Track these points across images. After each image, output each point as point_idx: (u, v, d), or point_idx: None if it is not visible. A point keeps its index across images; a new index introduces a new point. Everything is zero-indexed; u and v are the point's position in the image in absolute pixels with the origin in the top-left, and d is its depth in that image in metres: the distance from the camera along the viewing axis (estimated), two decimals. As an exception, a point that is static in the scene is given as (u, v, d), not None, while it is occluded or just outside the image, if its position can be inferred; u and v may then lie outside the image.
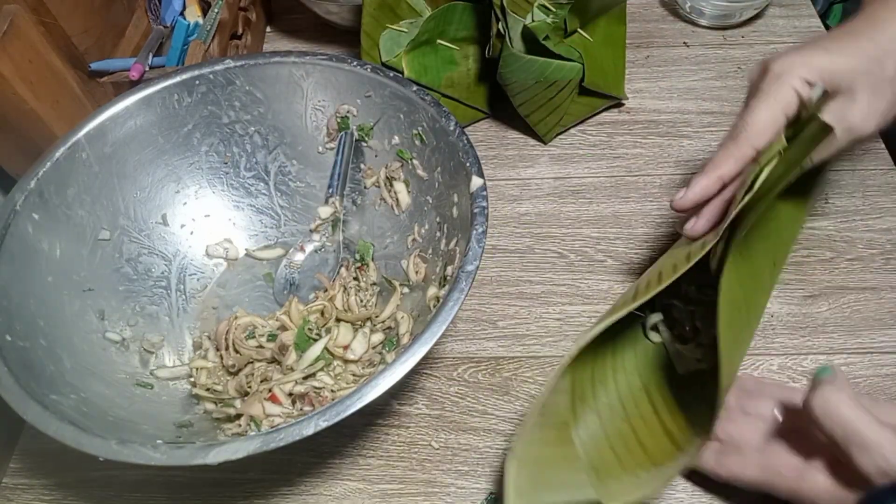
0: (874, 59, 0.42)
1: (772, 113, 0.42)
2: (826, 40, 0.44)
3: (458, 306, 0.39)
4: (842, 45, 0.43)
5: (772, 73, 0.42)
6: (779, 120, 0.42)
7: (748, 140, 0.42)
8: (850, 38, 0.43)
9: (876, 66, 0.42)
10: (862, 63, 0.42)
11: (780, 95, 0.41)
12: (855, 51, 0.42)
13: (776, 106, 0.41)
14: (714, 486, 0.45)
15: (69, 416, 0.37)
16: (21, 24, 0.48)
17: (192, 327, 0.53)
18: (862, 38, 0.43)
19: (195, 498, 0.47)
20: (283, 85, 0.53)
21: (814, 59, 0.42)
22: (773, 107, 0.42)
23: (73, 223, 0.48)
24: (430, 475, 0.47)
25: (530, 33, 0.58)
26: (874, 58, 0.42)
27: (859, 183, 0.60)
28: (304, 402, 0.45)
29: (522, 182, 0.63)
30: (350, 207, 0.57)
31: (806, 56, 0.42)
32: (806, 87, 0.41)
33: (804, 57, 0.42)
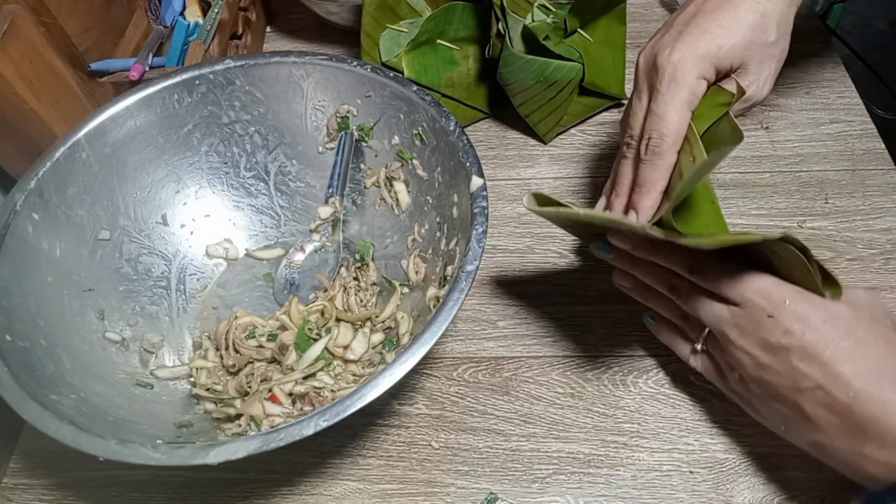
0: (755, 27, 0.42)
1: (681, 116, 0.42)
2: (704, 18, 0.43)
3: (458, 306, 0.39)
4: (722, 23, 0.42)
5: (665, 73, 0.42)
6: (687, 118, 0.43)
7: (672, 149, 0.42)
8: (726, 11, 0.43)
9: (759, 35, 0.43)
10: (746, 36, 0.42)
11: (682, 96, 0.42)
12: (737, 25, 0.42)
13: (682, 109, 0.42)
14: (714, 487, 0.45)
15: (69, 416, 0.37)
16: (21, 24, 0.48)
17: (192, 327, 0.53)
18: (738, 7, 0.43)
19: (195, 498, 0.47)
20: (283, 85, 0.53)
21: (700, 47, 0.42)
22: (679, 110, 0.42)
23: (73, 223, 0.48)
24: (430, 475, 0.47)
25: (530, 33, 0.58)
26: (755, 26, 0.42)
27: (859, 183, 0.60)
28: (304, 402, 0.45)
29: (522, 182, 0.63)
30: (350, 207, 0.57)
31: (693, 46, 0.42)
32: (703, 82, 0.43)
33: (691, 48, 0.42)
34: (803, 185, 0.61)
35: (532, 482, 0.46)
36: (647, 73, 0.44)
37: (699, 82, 0.42)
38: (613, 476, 0.46)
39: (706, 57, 0.42)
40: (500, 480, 0.47)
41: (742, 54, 0.43)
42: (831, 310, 0.38)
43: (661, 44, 0.43)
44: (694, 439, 0.48)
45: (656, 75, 0.43)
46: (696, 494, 0.45)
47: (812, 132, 0.64)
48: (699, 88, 0.43)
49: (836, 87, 0.67)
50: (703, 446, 0.47)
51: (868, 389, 0.36)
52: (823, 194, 0.60)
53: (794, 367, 0.38)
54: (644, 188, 0.44)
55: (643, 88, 0.45)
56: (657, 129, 0.43)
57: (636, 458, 0.47)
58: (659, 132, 0.42)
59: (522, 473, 0.47)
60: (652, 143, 0.43)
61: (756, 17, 0.43)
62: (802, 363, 0.37)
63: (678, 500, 0.45)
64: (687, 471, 0.46)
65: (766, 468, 0.46)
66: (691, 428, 0.48)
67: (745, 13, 0.43)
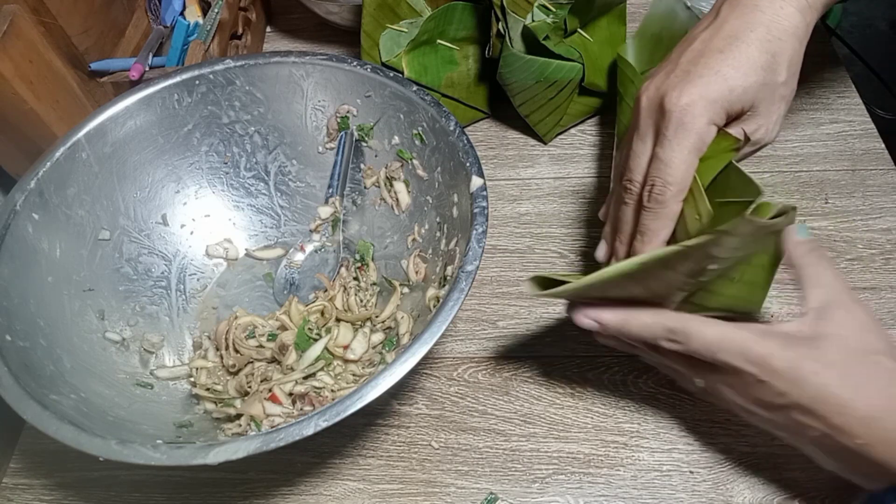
0: (767, 67, 0.40)
1: (688, 164, 0.39)
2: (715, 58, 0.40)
3: (458, 306, 0.39)
4: (734, 63, 0.39)
5: (673, 118, 0.39)
6: (694, 166, 0.40)
7: (676, 198, 0.40)
8: (736, 48, 0.39)
9: (770, 75, 0.40)
10: (758, 77, 0.39)
11: (690, 143, 0.39)
12: (748, 66, 0.39)
13: (690, 156, 0.39)
14: (714, 487, 0.45)
15: (69, 416, 0.37)
16: (21, 24, 0.48)
17: (192, 327, 0.53)
18: (750, 45, 0.39)
19: (195, 498, 0.47)
20: (283, 85, 0.53)
21: (712, 91, 0.39)
22: (687, 158, 0.39)
23: (73, 223, 0.48)
24: (430, 475, 0.47)
25: (530, 33, 0.58)
26: (766, 66, 0.39)
27: (859, 183, 0.60)
28: (304, 402, 0.46)
29: (522, 182, 0.63)
30: (350, 207, 0.57)
31: (703, 89, 0.39)
32: (712, 128, 0.39)
33: (702, 91, 0.39)
34: (803, 185, 0.61)
35: (532, 482, 0.46)
36: (651, 114, 0.41)
37: (709, 128, 0.39)
38: (613, 476, 0.46)
39: (718, 101, 0.39)
40: (500, 480, 0.47)
41: (754, 97, 0.40)
42: (821, 357, 0.36)
43: (668, 84, 0.40)
44: (694, 439, 0.48)
45: (662, 119, 0.40)
46: (696, 494, 0.45)
47: (812, 132, 0.64)
48: (709, 135, 0.39)
49: (836, 87, 0.67)
50: (703, 446, 0.47)
51: (876, 436, 0.35)
52: (823, 194, 0.60)
53: (797, 421, 0.37)
54: (646, 237, 0.41)
55: (647, 131, 0.41)
56: (661, 177, 0.40)
57: (636, 458, 0.47)
58: (663, 180, 0.40)
59: (522, 473, 0.47)
60: (655, 192, 0.40)
61: (768, 56, 0.39)
62: (804, 417, 0.37)
63: (678, 500, 0.45)
64: (687, 471, 0.46)
65: (766, 468, 0.46)
66: (691, 428, 0.48)
67: (757, 52, 0.39)
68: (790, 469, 0.46)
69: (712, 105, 0.39)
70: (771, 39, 0.39)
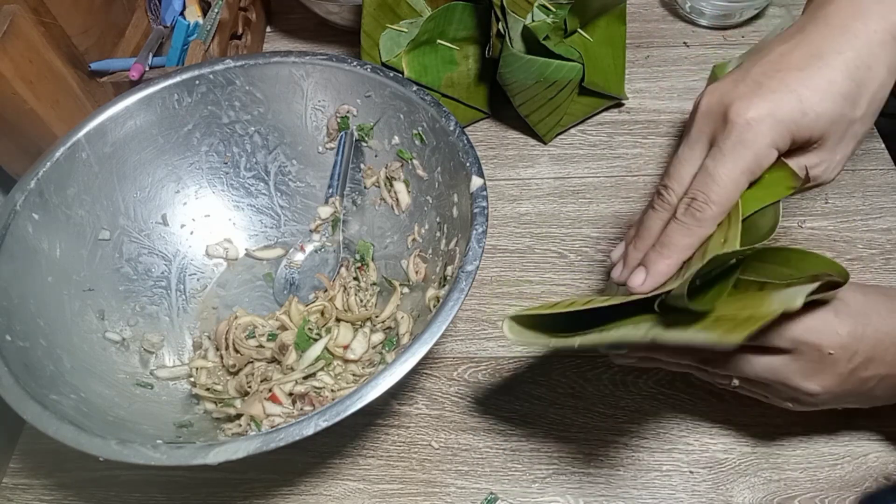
0: (848, 97, 0.35)
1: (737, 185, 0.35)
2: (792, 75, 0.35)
3: (458, 306, 0.39)
4: (812, 85, 0.35)
5: (734, 131, 0.35)
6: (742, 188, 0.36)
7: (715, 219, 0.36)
8: (818, 69, 0.35)
9: (849, 107, 0.35)
10: (836, 108, 0.35)
11: (745, 163, 0.35)
12: (827, 91, 0.35)
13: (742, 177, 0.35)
14: (714, 487, 0.45)
15: (69, 416, 0.37)
16: (21, 24, 0.48)
17: (192, 327, 0.53)
18: (834, 69, 0.35)
19: (195, 498, 0.47)
20: (283, 85, 0.53)
21: (783, 110, 0.34)
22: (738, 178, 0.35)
23: (73, 223, 0.48)
24: (430, 475, 0.47)
25: (530, 33, 0.58)
26: (847, 95, 0.35)
27: (859, 183, 0.60)
28: (304, 401, 0.46)
29: (522, 182, 0.63)
30: (350, 207, 0.57)
31: (775, 106, 0.35)
32: (773, 152, 0.35)
33: (773, 107, 0.35)
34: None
35: (532, 482, 0.46)
36: (709, 122, 0.37)
37: (770, 151, 0.35)
38: (613, 476, 0.46)
39: (786, 123, 0.34)
40: (500, 480, 0.47)
41: (825, 127, 0.35)
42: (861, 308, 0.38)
43: (735, 93, 0.36)
44: (694, 439, 0.48)
45: (723, 130, 0.35)
46: (696, 494, 0.45)
47: (812, 132, 0.64)
48: (768, 159, 0.35)
49: (836, 87, 0.67)
50: (703, 446, 0.47)
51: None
52: (823, 194, 0.60)
53: (863, 378, 0.38)
54: (666, 250, 0.37)
55: (699, 139, 0.37)
56: (705, 192, 0.36)
57: (636, 458, 0.47)
58: (706, 196, 0.35)
59: (522, 473, 0.47)
60: (695, 206, 0.36)
61: (852, 85, 0.35)
62: (868, 370, 0.38)
63: (678, 500, 0.45)
64: (687, 471, 0.46)
65: (766, 468, 0.46)
66: (691, 428, 0.48)
67: (841, 78, 0.35)
68: (790, 469, 0.46)
69: (780, 126, 0.35)
70: (860, 66, 0.35)
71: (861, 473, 0.45)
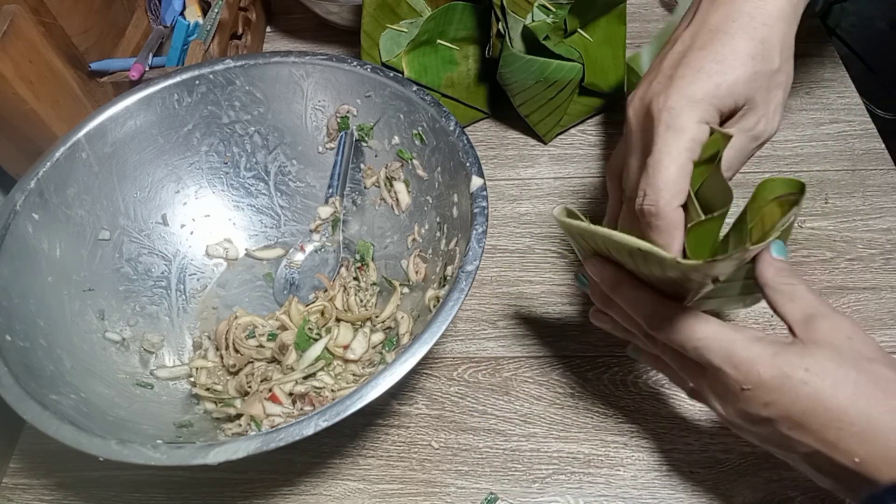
0: (756, 56, 0.36)
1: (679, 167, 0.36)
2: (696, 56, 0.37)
3: (458, 306, 0.39)
4: (718, 58, 0.36)
5: (661, 122, 0.36)
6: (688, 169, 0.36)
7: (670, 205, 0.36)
8: (719, 42, 0.36)
9: (761, 64, 0.36)
10: (747, 68, 0.36)
11: (681, 144, 0.35)
12: (735, 58, 0.36)
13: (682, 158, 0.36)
14: (714, 487, 0.45)
15: (69, 416, 0.37)
16: (21, 24, 0.48)
17: (192, 327, 0.53)
18: (733, 36, 0.36)
19: (195, 498, 0.47)
20: (283, 85, 0.53)
21: (697, 90, 0.36)
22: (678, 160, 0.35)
23: (73, 223, 0.48)
24: (430, 475, 0.47)
25: (530, 33, 0.58)
26: (756, 55, 0.36)
27: (859, 183, 0.60)
28: (304, 401, 0.46)
29: (522, 182, 0.63)
30: (350, 207, 0.57)
31: (688, 90, 0.36)
32: (704, 127, 0.36)
33: (686, 91, 0.36)
34: (803, 185, 0.61)
35: (532, 482, 0.46)
36: (640, 124, 0.38)
37: (700, 127, 0.36)
38: (613, 476, 0.46)
39: (705, 99, 0.36)
40: (500, 480, 0.47)
41: (745, 89, 0.37)
42: (812, 366, 0.33)
43: (652, 91, 0.37)
44: (694, 439, 0.48)
45: (651, 125, 0.37)
46: (696, 494, 0.45)
47: (812, 132, 0.64)
48: (701, 135, 0.36)
49: (836, 87, 0.67)
50: (703, 446, 0.47)
51: (876, 453, 0.31)
52: (823, 194, 0.60)
53: (785, 436, 0.34)
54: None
55: (639, 145, 0.38)
56: (651, 183, 0.36)
57: (636, 458, 0.47)
58: (654, 187, 0.36)
59: (522, 473, 0.47)
60: (647, 202, 0.36)
61: (755, 44, 0.36)
62: (793, 432, 0.33)
63: (678, 500, 0.45)
64: (687, 471, 0.46)
65: (766, 468, 0.46)
66: (691, 428, 0.48)
67: (742, 42, 0.36)
68: (790, 469, 0.46)
69: (699, 104, 0.36)
70: (756, 26, 0.36)
71: (861, 473, 0.45)
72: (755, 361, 0.34)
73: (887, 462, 0.31)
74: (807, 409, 0.33)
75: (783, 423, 0.34)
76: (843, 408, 0.32)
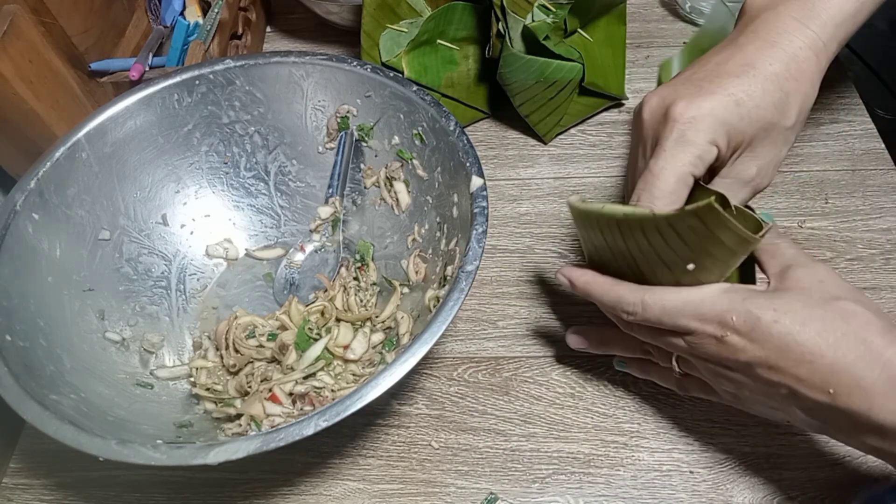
0: (778, 106, 0.38)
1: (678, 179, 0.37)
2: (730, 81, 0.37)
3: (458, 306, 0.39)
4: (748, 90, 0.37)
5: (675, 128, 0.37)
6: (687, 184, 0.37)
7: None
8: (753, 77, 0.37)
9: (781, 117, 0.38)
10: (769, 114, 0.37)
11: (687, 157, 0.36)
12: (761, 98, 0.37)
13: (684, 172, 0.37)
14: (714, 487, 0.45)
15: (69, 416, 0.37)
16: (21, 24, 0.48)
17: (192, 327, 0.53)
18: (767, 79, 0.37)
19: (195, 498, 0.47)
20: (283, 85, 0.53)
21: (721, 112, 0.37)
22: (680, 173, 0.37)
23: (73, 223, 0.48)
24: (430, 475, 0.47)
25: (530, 33, 0.58)
26: (778, 104, 0.38)
27: (859, 183, 0.60)
28: (304, 401, 0.46)
29: (522, 182, 0.63)
30: (350, 207, 0.57)
31: (714, 105, 0.37)
32: (713, 149, 0.37)
33: (712, 106, 0.37)
34: (803, 185, 0.61)
35: (532, 482, 0.46)
36: (652, 125, 0.39)
37: (710, 148, 0.37)
38: (613, 476, 0.46)
39: (726, 122, 0.37)
40: (500, 480, 0.47)
41: (756, 132, 0.38)
42: (780, 306, 0.34)
43: (677, 94, 0.38)
44: (694, 439, 0.48)
45: (664, 129, 0.37)
46: (696, 494, 0.45)
47: (812, 132, 0.64)
48: (708, 155, 0.37)
49: (836, 87, 0.67)
50: (703, 446, 0.47)
51: (847, 384, 0.33)
52: (823, 194, 0.60)
53: (764, 380, 0.35)
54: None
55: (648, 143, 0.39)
56: (648, 191, 0.37)
57: (636, 458, 0.47)
58: (650, 194, 0.37)
59: (522, 473, 0.47)
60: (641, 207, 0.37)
61: (781, 95, 0.37)
62: (770, 373, 0.35)
63: (678, 500, 0.45)
64: (687, 471, 0.46)
65: (766, 468, 0.46)
66: (691, 428, 0.48)
67: (772, 87, 0.37)
68: (790, 469, 0.46)
69: (719, 125, 0.37)
70: (788, 78, 0.38)
71: (861, 473, 0.45)
72: (726, 310, 0.35)
73: (859, 389, 0.33)
74: (780, 346, 0.34)
75: (760, 365, 0.35)
76: (813, 341, 0.33)
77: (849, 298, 0.35)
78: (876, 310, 0.34)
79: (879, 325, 0.33)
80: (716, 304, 0.35)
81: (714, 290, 0.36)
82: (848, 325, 0.34)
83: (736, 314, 0.35)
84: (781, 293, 0.35)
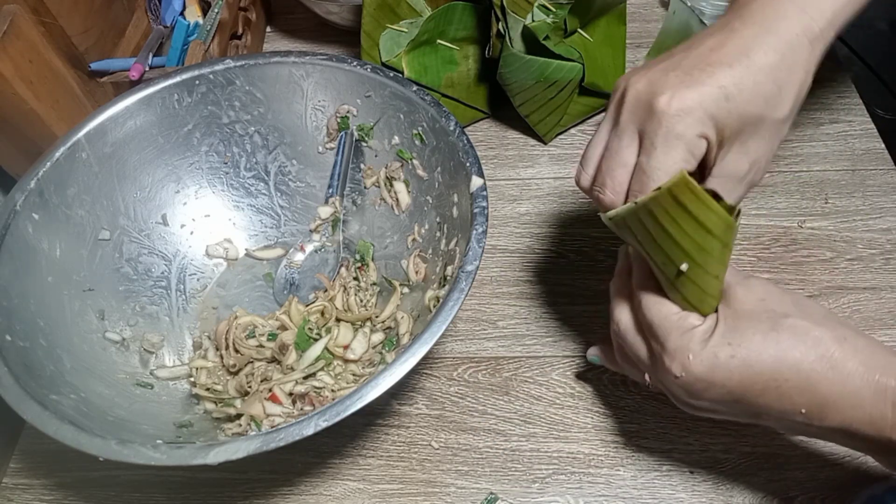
0: (770, 101, 0.36)
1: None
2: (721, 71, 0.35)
3: (458, 306, 0.39)
4: (739, 82, 0.35)
5: (663, 124, 0.35)
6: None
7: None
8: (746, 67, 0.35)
9: (771, 110, 0.36)
10: (758, 109, 0.36)
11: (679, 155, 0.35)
12: (752, 93, 0.35)
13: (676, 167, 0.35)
14: (714, 487, 0.45)
15: (69, 416, 0.37)
16: (21, 24, 0.48)
17: (192, 327, 0.53)
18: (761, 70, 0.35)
19: (195, 498, 0.47)
20: (283, 85, 0.53)
21: (709, 104, 0.35)
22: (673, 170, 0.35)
23: (73, 223, 0.48)
24: (430, 475, 0.47)
25: (530, 33, 0.58)
26: (770, 99, 0.36)
27: (859, 183, 0.60)
28: (304, 401, 0.46)
29: (522, 182, 0.63)
30: (350, 207, 0.57)
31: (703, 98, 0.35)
32: (703, 142, 0.35)
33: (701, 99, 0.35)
34: (803, 185, 0.61)
35: (532, 482, 0.46)
36: (637, 111, 0.36)
37: (700, 142, 0.35)
38: (613, 476, 0.46)
39: (715, 116, 0.35)
40: (500, 480, 0.47)
41: (749, 128, 0.36)
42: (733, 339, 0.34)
43: (666, 83, 0.35)
44: (694, 439, 0.48)
45: (650, 122, 0.35)
46: (696, 494, 0.45)
47: (812, 132, 0.64)
48: (699, 149, 0.35)
49: (836, 87, 0.67)
50: (703, 446, 0.47)
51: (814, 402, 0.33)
52: (823, 194, 0.60)
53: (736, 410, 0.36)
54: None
55: (627, 129, 0.37)
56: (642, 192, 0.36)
57: (636, 458, 0.47)
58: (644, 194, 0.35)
59: (522, 473, 0.47)
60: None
61: (774, 88, 0.36)
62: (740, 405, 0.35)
63: (678, 500, 0.45)
64: (687, 471, 0.46)
65: (766, 468, 0.46)
66: (691, 428, 0.48)
67: (765, 79, 0.35)
68: (790, 469, 0.46)
69: (708, 118, 0.35)
70: (782, 69, 0.36)
71: (861, 473, 0.45)
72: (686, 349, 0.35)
73: (828, 406, 0.33)
74: (743, 380, 0.34)
75: (726, 401, 0.35)
76: (774, 367, 0.33)
77: (794, 315, 0.35)
78: (821, 319, 0.35)
79: (831, 336, 0.34)
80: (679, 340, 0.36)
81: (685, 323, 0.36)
82: (804, 343, 0.34)
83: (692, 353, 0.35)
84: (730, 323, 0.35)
